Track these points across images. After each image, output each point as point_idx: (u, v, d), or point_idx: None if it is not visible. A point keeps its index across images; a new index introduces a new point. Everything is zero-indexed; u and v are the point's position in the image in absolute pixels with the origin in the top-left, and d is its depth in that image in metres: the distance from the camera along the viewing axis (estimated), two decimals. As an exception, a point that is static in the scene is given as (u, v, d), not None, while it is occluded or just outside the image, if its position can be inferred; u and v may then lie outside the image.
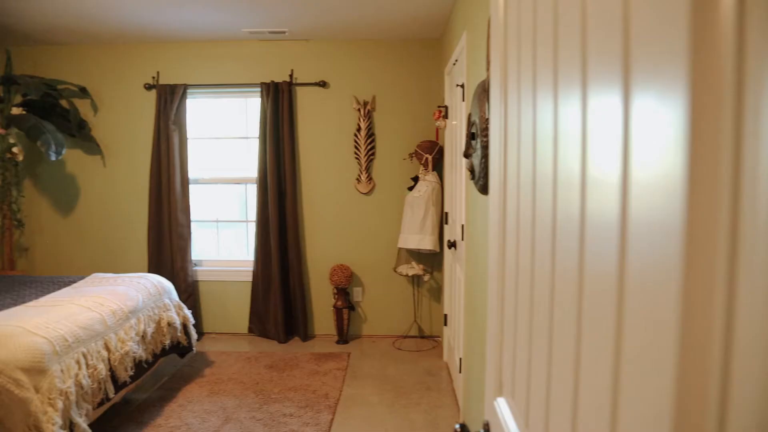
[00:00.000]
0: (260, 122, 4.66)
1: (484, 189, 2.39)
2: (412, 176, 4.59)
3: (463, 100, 3.14)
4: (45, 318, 2.69)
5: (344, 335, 4.69)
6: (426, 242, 4.33)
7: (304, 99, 4.75)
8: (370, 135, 4.70)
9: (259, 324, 4.82)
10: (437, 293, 4.79)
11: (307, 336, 4.79)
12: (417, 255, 4.61)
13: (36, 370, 2.38)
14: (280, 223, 4.68)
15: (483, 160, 2.28)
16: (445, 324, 4.26)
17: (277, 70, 4.71)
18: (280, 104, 4.64)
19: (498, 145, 1.00)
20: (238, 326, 4.93)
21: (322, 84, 4.70)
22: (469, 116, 2.61)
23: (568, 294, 0.62)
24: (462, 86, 3.18)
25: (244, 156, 4.94)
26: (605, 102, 0.54)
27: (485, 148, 2.23)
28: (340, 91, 4.73)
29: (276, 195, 4.62)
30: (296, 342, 4.74)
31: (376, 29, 4.38)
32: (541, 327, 0.72)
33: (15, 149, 4.34)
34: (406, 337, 4.79)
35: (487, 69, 2.23)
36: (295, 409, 3.40)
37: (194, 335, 3.88)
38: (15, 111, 4.32)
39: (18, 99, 4.52)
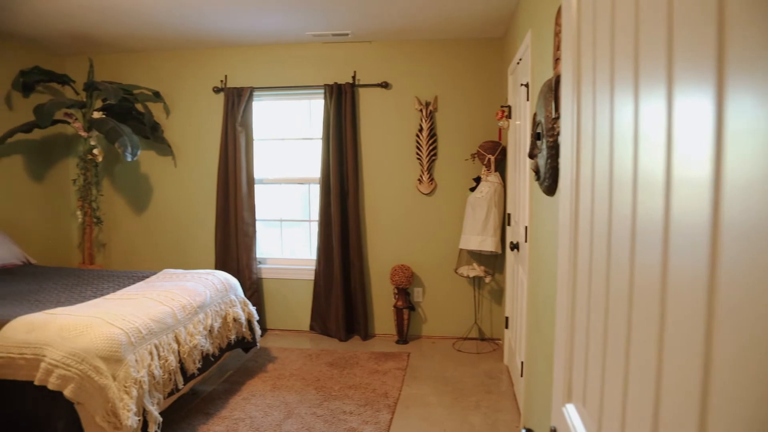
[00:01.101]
0: (323, 123, 4.73)
1: (549, 190, 2.34)
2: (474, 177, 4.55)
3: (528, 100, 3.08)
4: (121, 310, 2.84)
5: (404, 335, 4.70)
6: (488, 243, 4.27)
7: (367, 100, 4.79)
8: (432, 135, 4.69)
9: (321, 322, 4.90)
10: (498, 295, 4.72)
11: (367, 335, 4.83)
12: (478, 256, 4.57)
13: (113, 359, 2.51)
14: (342, 222, 4.74)
15: (549, 161, 2.23)
16: (506, 326, 4.19)
17: (340, 71, 4.77)
18: (342, 105, 4.70)
19: (570, 145, 0.97)
20: (300, 324, 5.03)
21: (385, 85, 4.73)
22: (534, 116, 2.56)
23: (648, 299, 0.60)
24: (526, 85, 3.13)
25: (308, 157, 5.03)
26: (694, 97, 0.51)
27: (551, 148, 2.18)
28: (402, 91, 4.74)
29: (338, 195, 4.69)
30: (356, 341, 4.79)
31: (439, 29, 4.37)
32: (618, 332, 0.69)
33: (95, 151, 4.60)
34: (466, 338, 4.75)
35: (554, 67, 2.18)
36: (355, 406, 3.43)
37: (258, 331, 3.98)
38: (96, 115, 4.57)
39: (99, 104, 4.78)
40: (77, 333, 2.54)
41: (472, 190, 4.46)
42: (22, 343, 2.50)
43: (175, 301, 3.15)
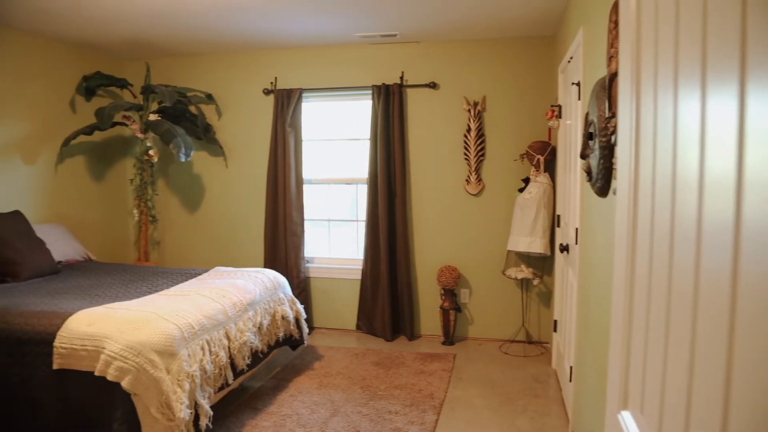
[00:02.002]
0: (371, 124, 4.76)
1: (602, 191, 2.28)
2: (523, 177, 4.48)
3: (579, 99, 3.02)
4: (175, 306, 2.92)
5: (450, 336, 4.67)
6: (536, 245, 4.21)
7: (414, 100, 4.79)
8: (480, 135, 4.65)
9: (367, 321, 4.93)
10: (547, 298, 4.64)
11: (413, 335, 4.83)
12: (526, 258, 4.50)
13: (167, 353, 2.59)
14: (390, 222, 4.75)
15: (602, 161, 2.17)
16: (555, 330, 4.11)
17: (388, 72, 4.78)
18: (390, 106, 4.71)
19: (627, 145, 0.95)
20: (347, 323, 5.07)
21: (432, 85, 4.72)
22: (587, 115, 2.50)
23: (716, 305, 0.58)
24: (577, 84, 3.06)
25: (355, 157, 5.07)
26: None
27: (604, 148, 2.13)
28: (450, 91, 4.72)
29: (386, 195, 4.70)
30: (402, 341, 4.79)
31: (487, 29, 4.32)
32: (681, 338, 0.67)
33: (151, 152, 4.76)
34: (513, 341, 4.68)
35: (608, 65, 2.13)
36: (401, 407, 3.43)
37: (306, 329, 4.04)
38: (152, 117, 4.74)
39: (154, 106, 4.95)
40: (134, 327, 2.63)
41: (521, 190, 4.40)
42: (83, 335, 2.61)
43: (226, 298, 3.23)
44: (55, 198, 4.72)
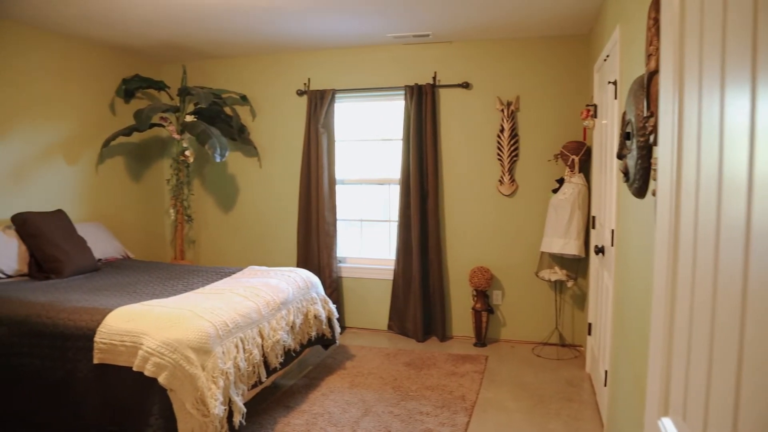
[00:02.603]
0: (404, 124, 4.76)
1: (639, 192, 2.24)
2: (557, 178, 4.42)
3: (615, 98, 2.96)
4: (210, 304, 2.97)
5: (482, 338, 4.64)
6: (570, 247, 4.14)
7: (447, 100, 4.77)
8: (514, 136, 4.60)
9: (399, 322, 4.93)
10: (581, 300, 4.57)
11: (444, 336, 4.81)
12: (560, 260, 4.43)
13: (203, 351, 2.63)
14: (422, 223, 4.74)
15: (639, 161, 2.13)
16: (589, 333, 4.04)
17: (421, 72, 4.78)
18: (423, 106, 4.71)
19: (669, 145, 0.92)
20: (378, 323, 5.08)
21: (465, 85, 4.69)
22: (624, 115, 2.45)
23: (766, 309, 0.56)
24: (614, 83, 3.00)
25: (388, 158, 5.08)
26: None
27: (642, 148, 2.08)
28: (483, 91, 4.69)
29: (418, 196, 4.70)
30: (434, 341, 4.77)
31: (521, 28, 4.28)
32: (728, 343, 0.65)
33: (187, 152, 4.85)
34: (546, 344, 4.62)
35: (647, 63, 2.08)
36: (432, 408, 3.42)
37: (338, 329, 4.06)
38: (188, 118, 4.83)
39: (190, 108, 5.04)
40: (170, 324, 2.69)
41: (555, 191, 4.34)
42: (122, 332, 2.68)
43: (259, 297, 3.27)
44: (95, 197, 4.85)
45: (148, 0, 3.58)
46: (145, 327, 2.67)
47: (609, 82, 3.17)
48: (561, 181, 4.33)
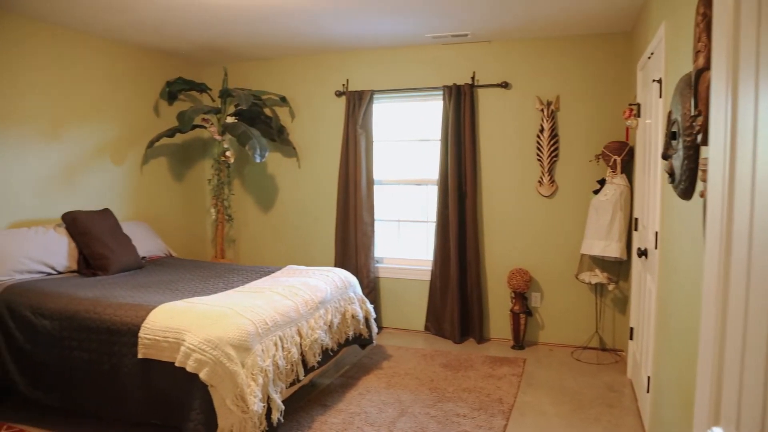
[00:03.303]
0: (442, 125, 4.74)
1: (685, 193, 2.18)
2: (599, 179, 4.33)
3: (660, 97, 2.89)
4: (250, 302, 3.02)
5: (520, 341, 4.58)
6: (612, 249, 4.06)
7: (486, 101, 4.73)
8: (554, 136, 4.53)
9: (436, 323, 4.91)
10: (622, 304, 4.47)
11: (482, 338, 4.77)
12: (601, 262, 4.35)
13: (243, 348, 2.68)
14: (460, 224, 4.72)
15: (685, 162, 2.07)
16: (631, 338, 3.95)
17: (459, 72, 4.75)
18: (461, 106, 4.68)
19: (722, 145, 0.89)
20: (415, 323, 5.07)
21: (504, 85, 4.64)
22: (669, 114, 2.39)
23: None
24: (659, 81, 2.93)
25: (426, 158, 5.07)
26: None
27: (689, 148, 2.02)
28: (523, 91, 4.63)
29: (456, 196, 4.67)
30: (471, 343, 4.74)
31: (561, 26, 4.21)
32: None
33: (228, 153, 4.94)
34: (585, 348, 4.54)
35: (694, 60, 2.02)
36: (469, 410, 3.40)
37: (375, 329, 4.07)
38: (229, 120, 4.92)
39: (231, 109, 5.14)
40: (212, 321, 2.74)
41: (596, 192, 4.25)
42: (165, 328, 2.75)
43: (298, 296, 3.31)
44: (139, 197, 4.99)
45: (191, 5, 3.66)
46: (187, 324, 2.73)
47: (653, 81, 3.10)
48: (602, 182, 4.24)
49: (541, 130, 4.56)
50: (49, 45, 4.11)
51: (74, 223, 3.95)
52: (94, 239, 3.93)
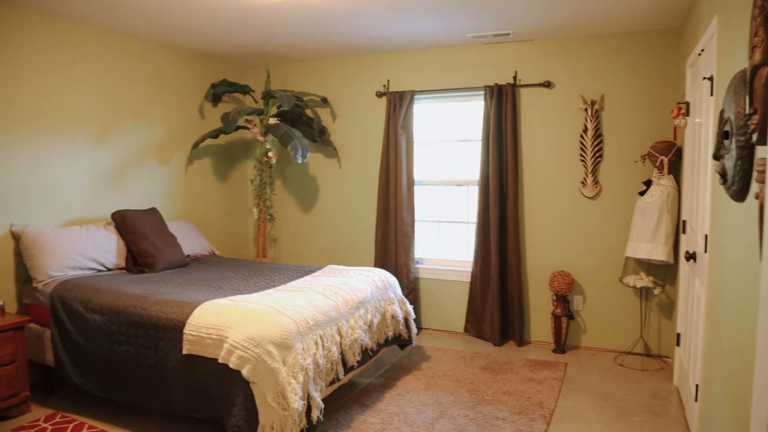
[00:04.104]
0: (483, 125, 4.70)
1: (738, 195, 2.10)
2: (644, 180, 4.22)
3: (712, 95, 2.79)
4: (291, 301, 3.06)
5: (561, 344, 4.50)
6: (658, 252, 3.95)
7: (528, 100, 4.67)
8: (598, 136, 4.44)
9: (475, 324, 4.88)
10: (668, 309, 4.34)
11: (522, 341, 4.71)
12: (647, 265, 4.23)
13: (284, 346, 2.71)
14: (501, 225, 4.67)
15: (739, 162, 2.00)
16: (678, 344, 3.83)
17: (501, 72, 4.70)
18: (503, 107, 4.63)
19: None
20: (454, 325, 5.04)
21: (547, 84, 4.57)
22: (722, 112, 2.31)
23: None
24: (710, 79, 2.83)
25: (467, 158, 5.03)
26: None
27: (742, 148, 1.95)
28: (566, 90, 4.55)
29: (497, 197, 4.63)
30: (511, 346, 4.69)
31: (606, 23, 4.12)
32: None
33: (270, 153, 5.02)
34: (629, 353, 4.43)
35: (750, 56, 1.95)
36: (509, 413, 3.36)
37: (414, 329, 4.07)
38: (271, 121, 5.00)
39: (273, 110, 5.22)
40: (254, 319, 2.79)
41: (642, 194, 4.14)
42: (209, 325, 2.81)
43: (338, 295, 3.33)
44: (184, 196, 5.12)
45: (236, 9, 3.73)
46: (230, 321, 2.79)
47: (704, 78, 3.00)
48: (648, 183, 4.13)
49: (585, 130, 4.47)
50: (98, 50, 4.26)
51: (123, 222, 4.08)
52: (141, 237, 4.05)
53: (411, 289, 5.01)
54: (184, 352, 2.84)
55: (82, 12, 3.79)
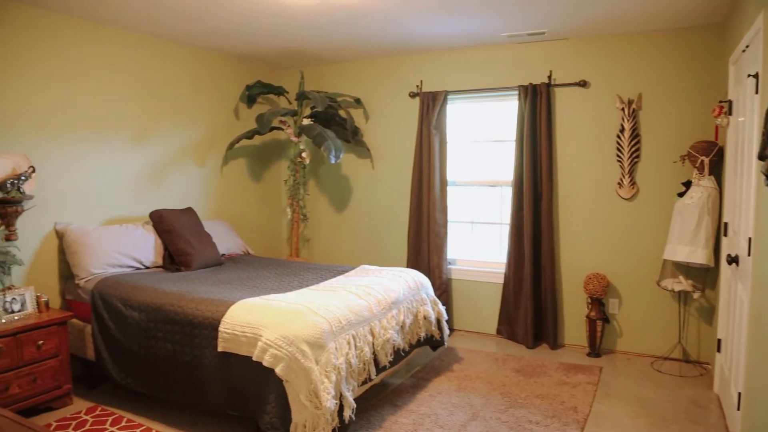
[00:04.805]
0: (517, 125, 4.66)
1: (784, 197, 2.03)
2: (684, 181, 4.11)
3: (757, 93, 2.71)
4: (324, 301, 3.08)
5: (596, 348, 4.43)
6: (698, 255, 3.84)
7: (563, 100, 4.60)
8: (635, 136, 4.35)
9: (508, 326, 4.83)
10: (708, 313, 4.22)
11: (556, 344, 4.64)
12: (685, 269, 4.12)
13: (317, 345, 2.74)
14: (535, 226, 4.61)
15: (785, 163, 1.94)
16: (718, 350, 3.72)
17: (535, 71, 4.65)
18: (537, 106, 4.58)
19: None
20: (487, 326, 5.01)
21: (582, 84, 4.50)
22: (767, 111, 2.24)
23: None
24: (755, 76, 2.75)
25: (500, 159, 4.99)
26: None
27: (789, 148, 1.89)
28: (602, 90, 4.47)
29: (531, 198, 4.57)
30: (544, 349, 4.63)
31: (644, 20, 4.03)
32: None
33: (304, 154, 5.07)
34: (667, 358, 4.32)
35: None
36: (542, 417, 3.32)
37: (446, 330, 4.05)
38: (305, 122, 5.05)
39: (307, 111, 5.27)
40: (287, 318, 2.82)
41: (681, 195, 4.04)
42: (244, 323, 2.85)
43: (371, 295, 3.34)
44: (220, 196, 5.21)
45: (271, 12, 3.78)
46: (264, 320, 2.82)
47: (749, 75, 2.91)
48: (688, 184, 4.03)
49: (622, 130, 4.38)
50: (139, 54, 4.36)
51: (160, 221, 4.17)
52: (178, 236, 4.13)
53: (443, 290, 4.99)
54: (219, 349, 2.89)
55: (125, 17, 3.89)
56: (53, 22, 3.75)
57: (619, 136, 4.40)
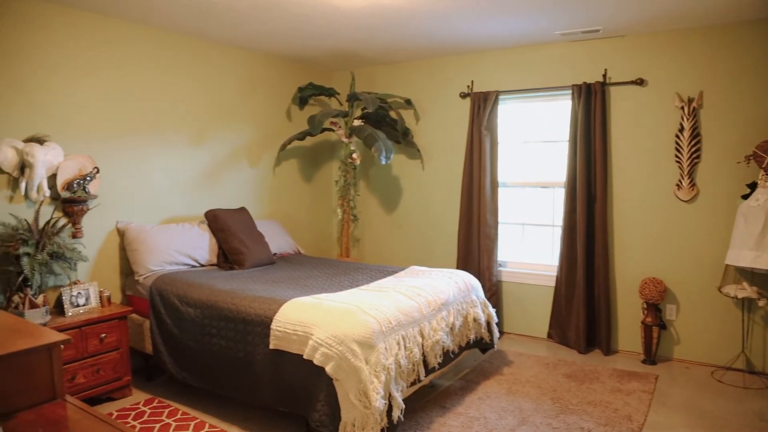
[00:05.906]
0: (570, 125, 4.56)
1: None
2: (749, 182, 3.93)
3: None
4: (374, 301, 3.10)
5: (652, 355, 4.29)
6: (764, 261, 3.67)
7: (618, 99, 4.48)
8: (695, 135, 4.18)
9: (559, 331, 4.74)
10: (775, 322, 4.03)
11: (609, 350, 4.52)
12: (750, 275, 3.94)
13: (367, 345, 2.76)
14: (588, 229, 4.51)
15: None
16: (786, 361, 3.55)
17: (589, 70, 4.54)
18: (591, 106, 4.47)
19: None
20: (537, 330, 4.92)
21: (639, 82, 4.37)
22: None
23: None
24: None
25: (553, 160, 4.90)
26: None
27: None
28: (660, 88, 4.32)
29: (585, 200, 4.47)
30: (597, 354, 4.51)
31: (704, 15, 3.87)
32: None
33: (354, 155, 5.11)
34: (729, 368, 4.14)
35: None
36: (594, 425, 3.24)
37: (496, 333, 4.01)
38: (356, 123, 5.09)
39: (358, 112, 5.31)
40: (338, 318, 2.85)
41: (745, 197, 3.87)
42: (295, 321, 2.90)
43: (421, 296, 3.34)
44: (272, 197, 5.31)
45: (323, 15, 3.83)
46: (315, 319, 2.87)
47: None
48: (753, 186, 3.85)
49: (681, 130, 4.23)
50: (196, 58, 4.50)
51: (215, 220, 4.29)
52: (231, 236, 4.24)
53: (493, 292, 4.94)
54: (271, 347, 2.94)
55: (183, 24, 4.03)
56: (116, 28, 3.92)
57: (678, 136, 4.25)
